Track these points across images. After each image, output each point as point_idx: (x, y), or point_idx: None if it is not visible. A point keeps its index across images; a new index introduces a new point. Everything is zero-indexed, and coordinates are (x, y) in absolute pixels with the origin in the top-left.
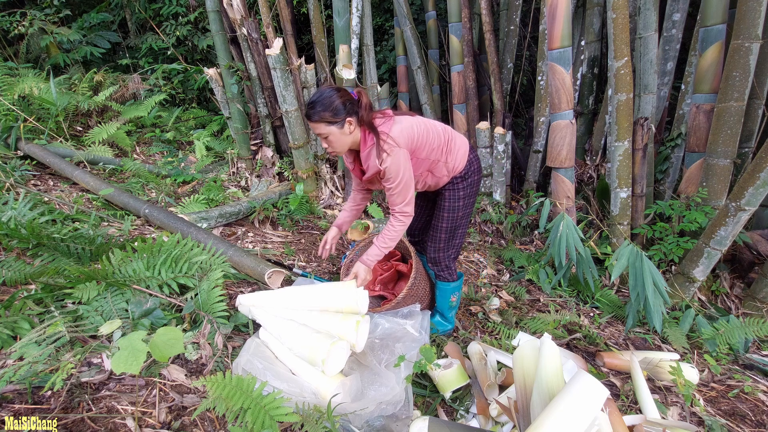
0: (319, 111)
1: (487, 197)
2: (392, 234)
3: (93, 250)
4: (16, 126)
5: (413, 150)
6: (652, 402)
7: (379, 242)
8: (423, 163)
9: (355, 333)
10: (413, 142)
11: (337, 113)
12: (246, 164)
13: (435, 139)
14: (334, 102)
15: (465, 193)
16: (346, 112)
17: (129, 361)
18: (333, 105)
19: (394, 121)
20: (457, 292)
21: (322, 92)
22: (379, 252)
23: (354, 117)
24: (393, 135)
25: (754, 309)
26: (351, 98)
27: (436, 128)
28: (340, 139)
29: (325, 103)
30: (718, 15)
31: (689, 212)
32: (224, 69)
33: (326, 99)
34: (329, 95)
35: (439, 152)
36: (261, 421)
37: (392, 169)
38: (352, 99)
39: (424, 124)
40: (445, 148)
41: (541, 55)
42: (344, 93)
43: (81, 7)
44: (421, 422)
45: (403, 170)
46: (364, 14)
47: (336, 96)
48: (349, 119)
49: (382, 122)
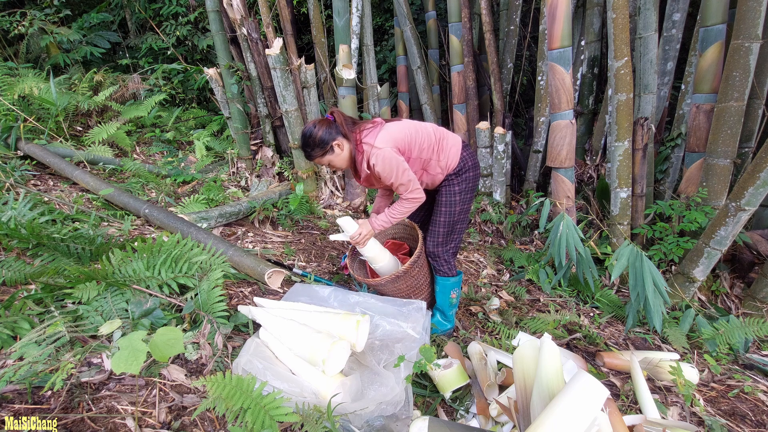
0: (310, 151)
1: (487, 197)
2: (402, 209)
3: (93, 250)
4: (16, 126)
5: (403, 151)
6: (652, 402)
7: (390, 212)
8: (416, 162)
9: (356, 333)
10: (401, 144)
11: (324, 144)
12: (246, 164)
13: (425, 139)
14: (317, 137)
15: (461, 188)
16: (331, 139)
17: (129, 361)
18: (317, 140)
19: (382, 128)
20: (456, 289)
21: (304, 134)
22: (387, 220)
23: (339, 137)
24: (377, 143)
25: (754, 309)
26: (329, 123)
27: (426, 129)
28: (339, 159)
29: (311, 143)
30: (718, 15)
31: (689, 212)
32: (224, 69)
33: (310, 138)
34: (310, 134)
35: (430, 151)
36: (261, 421)
37: (383, 167)
38: (330, 123)
39: (414, 126)
40: (436, 147)
41: (541, 55)
42: (322, 123)
43: (81, 7)
44: (421, 422)
45: (395, 165)
46: (364, 14)
47: (315, 131)
48: (336, 143)
49: (369, 132)
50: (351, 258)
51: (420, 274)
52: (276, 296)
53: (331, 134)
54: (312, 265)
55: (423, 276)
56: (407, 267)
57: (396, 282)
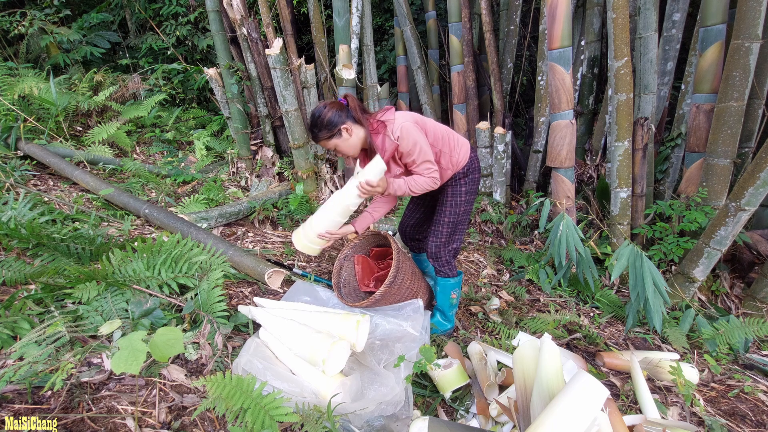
0: (317, 132)
1: (487, 197)
2: (422, 183)
3: (93, 250)
4: (16, 126)
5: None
6: (652, 402)
7: (410, 182)
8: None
9: (356, 333)
10: (419, 122)
11: (332, 126)
12: (246, 164)
13: (437, 130)
14: (325, 118)
15: (467, 189)
16: (340, 122)
17: (129, 361)
18: (325, 121)
19: (396, 112)
20: (457, 289)
21: (314, 113)
22: (406, 187)
23: (349, 121)
24: (397, 118)
25: (754, 309)
26: (340, 106)
27: (435, 124)
28: (346, 144)
29: (318, 123)
30: (718, 15)
31: (689, 212)
32: (224, 69)
33: (318, 119)
34: (319, 114)
35: (442, 143)
36: (261, 421)
37: (408, 140)
38: (342, 106)
39: (425, 118)
40: (448, 141)
41: (541, 55)
42: (332, 105)
43: (81, 7)
44: (421, 422)
45: (419, 138)
46: (364, 14)
47: (325, 111)
48: (344, 126)
49: (384, 113)
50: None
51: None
52: (276, 296)
53: (341, 117)
54: (312, 265)
55: (409, 282)
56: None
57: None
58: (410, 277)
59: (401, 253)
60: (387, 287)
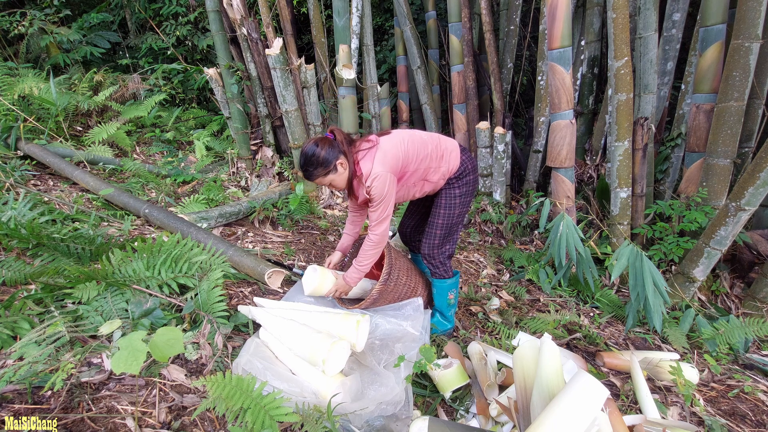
0: (313, 171)
1: (487, 197)
2: (365, 255)
3: (93, 250)
4: (16, 126)
5: (402, 167)
6: (652, 402)
7: (356, 263)
8: (415, 174)
9: (356, 333)
10: (399, 161)
11: (328, 163)
12: (246, 164)
13: (422, 149)
14: (320, 156)
15: (461, 191)
16: (334, 158)
17: (129, 361)
18: (321, 159)
19: (378, 148)
20: (454, 290)
21: (306, 153)
22: (357, 271)
23: (341, 156)
24: (375, 169)
25: (754, 309)
26: (331, 142)
27: (422, 139)
28: (341, 178)
29: (314, 162)
30: (718, 15)
31: (689, 212)
32: (224, 69)
33: (313, 158)
34: (313, 153)
35: (429, 160)
36: (261, 421)
37: (378, 191)
38: (332, 142)
39: (409, 137)
40: (435, 155)
41: (541, 55)
42: (323, 141)
43: (81, 7)
44: (421, 422)
45: (386, 192)
46: (364, 14)
47: (318, 150)
48: (339, 162)
49: (365, 154)
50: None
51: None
52: (276, 296)
53: (334, 153)
54: None
55: (406, 279)
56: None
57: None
58: (405, 273)
59: (393, 250)
60: (383, 285)
